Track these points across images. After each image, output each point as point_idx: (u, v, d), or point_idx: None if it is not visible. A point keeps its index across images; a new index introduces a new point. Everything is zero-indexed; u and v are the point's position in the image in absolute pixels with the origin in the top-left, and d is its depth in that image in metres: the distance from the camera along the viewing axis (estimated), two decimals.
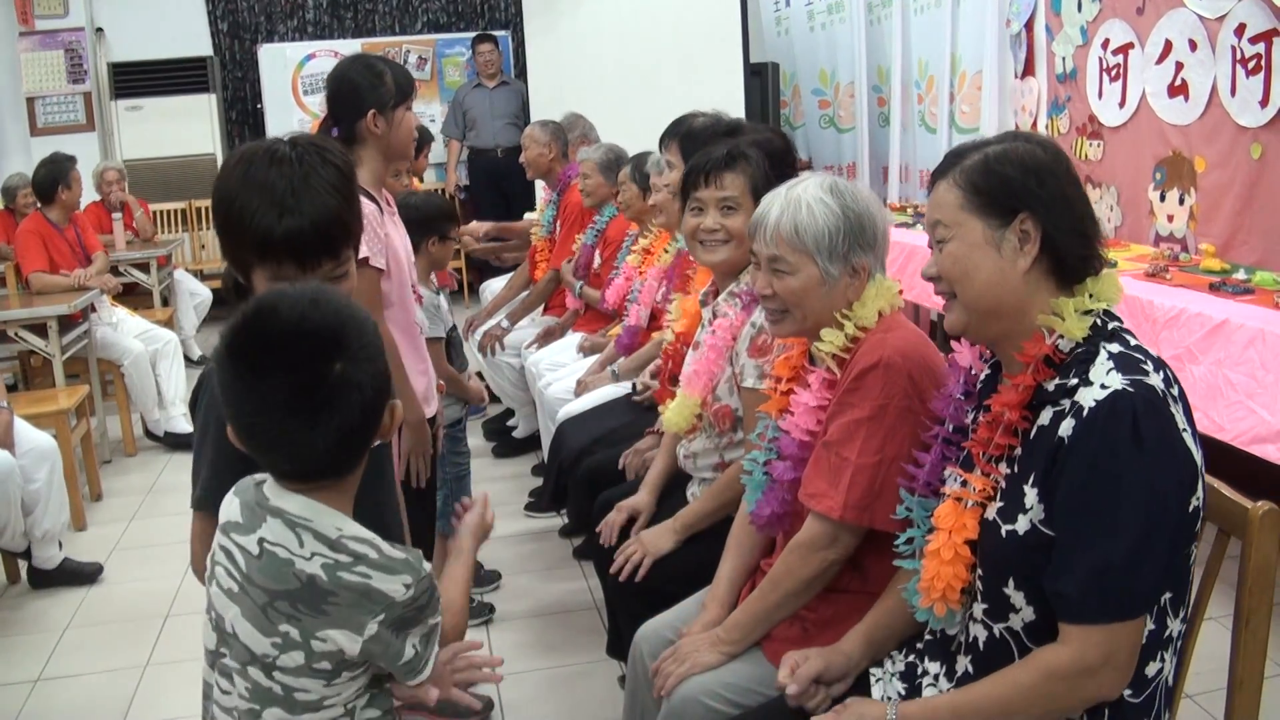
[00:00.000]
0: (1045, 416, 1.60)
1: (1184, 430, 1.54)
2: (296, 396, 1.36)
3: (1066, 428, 1.54)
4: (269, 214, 1.63)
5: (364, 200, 2.68)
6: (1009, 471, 1.66)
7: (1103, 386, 1.52)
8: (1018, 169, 1.64)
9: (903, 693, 1.84)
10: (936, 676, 1.81)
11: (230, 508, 1.52)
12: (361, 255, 2.62)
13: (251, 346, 1.38)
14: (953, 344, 1.89)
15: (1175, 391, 1.57)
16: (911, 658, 1.90)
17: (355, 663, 1.47)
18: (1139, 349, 1.59)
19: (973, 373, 1.86)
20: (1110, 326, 1.63)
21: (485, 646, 3.52)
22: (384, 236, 2.71)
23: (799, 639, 2.09)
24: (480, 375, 4.51)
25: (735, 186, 2.64)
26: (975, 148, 1.70)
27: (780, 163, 2.79)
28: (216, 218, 1.72)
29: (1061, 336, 1.62)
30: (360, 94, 2.75)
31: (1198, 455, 1.56)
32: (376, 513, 1.82)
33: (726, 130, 3.18)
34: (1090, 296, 1.64)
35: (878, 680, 1.90)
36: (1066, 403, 1.56)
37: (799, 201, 2.11)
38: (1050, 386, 1.61)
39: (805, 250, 2.09)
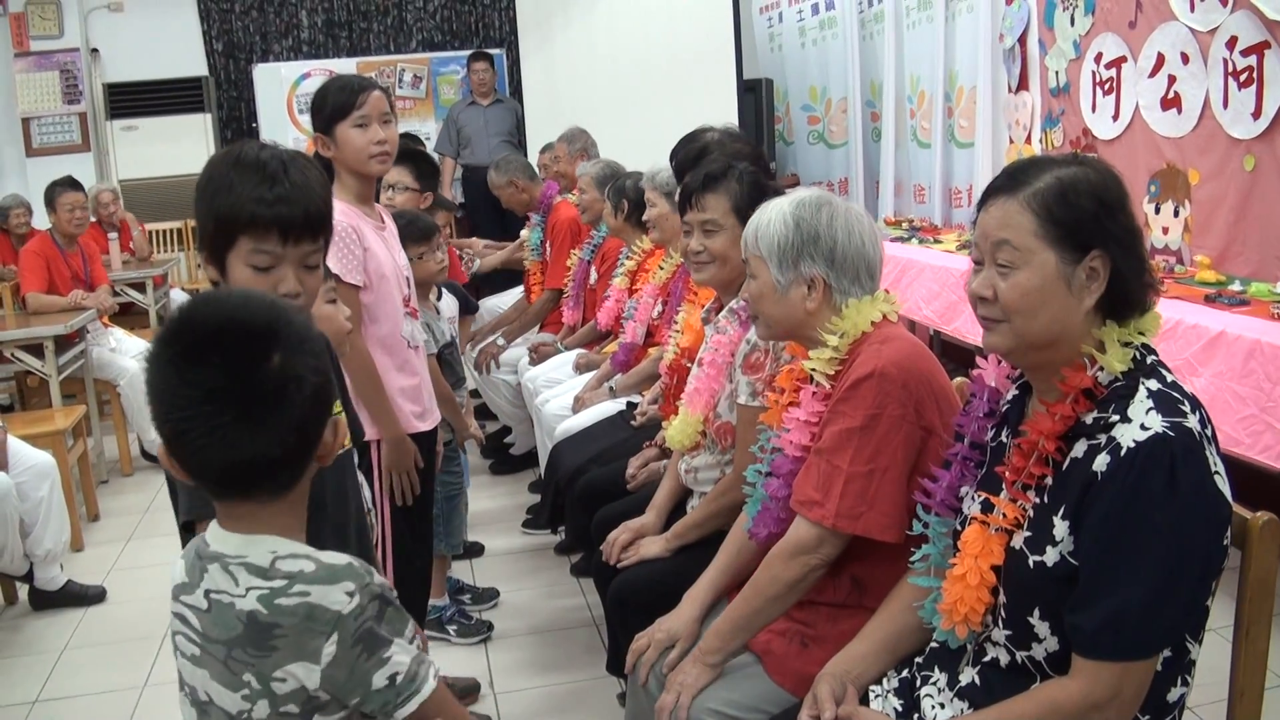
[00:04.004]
0: (1079, 449, 1.59)
1: (1216, 473, 1.53)
2: (233, 387, 1.28)
3: (1101, 463, 1.53)
4: (260, 186, 1.71)
5: (340, 216, 2.68)
6: (1038, 501, 1.64)
7: (1143, 427, 1.51)
8: (1093, 201, 1.59)
9: (899, 708, 1.84)
10: (939, 686, 1.81)
11: (176, 570, 1.45)
12: (334, 271, 2.62)
13: (185, 337, 1.31)
14: (978, 360, 1.88)
15: (1209, 432, 1.55)
16: (905, 673, 1.90)
17: (322, 702, 1.36)
18: (1175, 386, 1.58)
19: (996, 389, 1.85)
20: (1149, 360, 1.61)
21: (484, 663, 3.52)
22: (361, 253, 2.70)
23: (798, 653, 2.09)
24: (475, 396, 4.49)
25: (715, 208, 2.70)
26: (1041, 168, 1.64)
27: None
28: (202, 200, 1.76)
29: (1101, 369, 1.60)
30: (311, 117, 2.79)
31: (1229, 494, 1.55)
32: (337, 534, 1.79)
33: (699, 152, 3.21)
34: (1131, 329, 1.61)
35: (876, 696, 1.89)
36: (1103, 438, 1.54)
37: (767, 211, 2.22)
38: (1088, 419, 1.59)
39: (762, 255, 2.19)
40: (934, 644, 1.86)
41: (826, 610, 2.12)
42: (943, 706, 1.78)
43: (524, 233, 6.07)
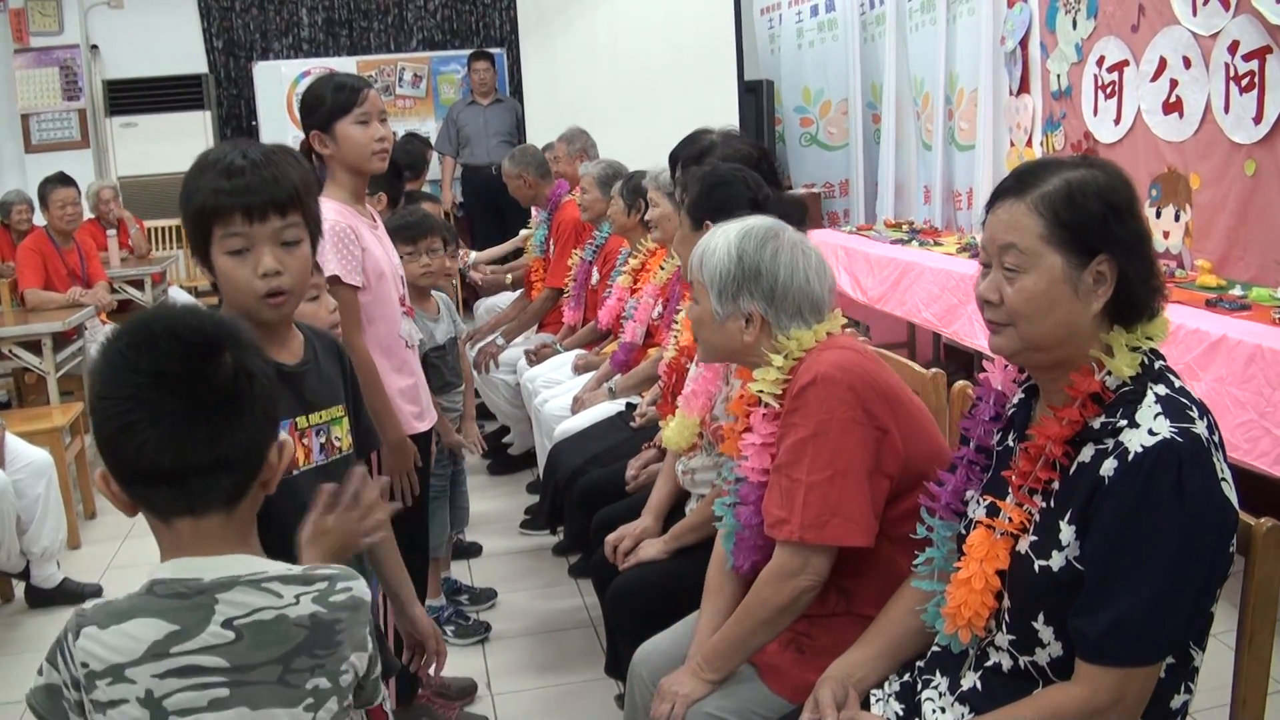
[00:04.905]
0: (1086, 454, 1.58)
1: (1223, 480, 1.53)
2: (184, 374, 1.25)
3: (1109, 467, 1.52)
4: (219, 178, 1.74)
5: (336, 216, 2.67)
6: (1044, 505, 1.63)
7: (1151, 432, 1.50)
8: (1101, 204, 1.57)
9: (900, 712, 1.83)
10: (940, 690, 1.80)
11: (127, 638, 1.28)
12: (331, 273, 2.61)
13: (137, 331, 1.29)
14: (984, 364, 1.88)
15: (1217, 438, 1.55)
16: (908, 677, 1.89)
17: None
18: (1183, 391, 1.57)
19: (1002, 393, 1.84)
20: (1157, 366, 1.60)
21: (481, 664, 3.51)
22: (359, 254, 2.69)
23: (795, 661, 2.09)
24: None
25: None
26: (1049, 170, 1.63)
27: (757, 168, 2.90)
28: (180, 205, 1.80)
29: (1109, 373, 1.59)
30: (306, 115, 2.76)
31: (1235, 502, 1.54)
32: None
33: (700, 152, 3.21)
34: (1139, 334, 1.60)
35: (877, 701, 1.88)
36: (1110, 442, 1.54)
37: (715, 237, 2.20)
38: (1095, 424, 1.58)
39: (704, 283, 2.18)
40: (936, 648, 1.86)
41: (821, 621, 2.10)
42: (944, 711, 1.77)
43: (524, 232, 6.05)
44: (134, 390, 1.25)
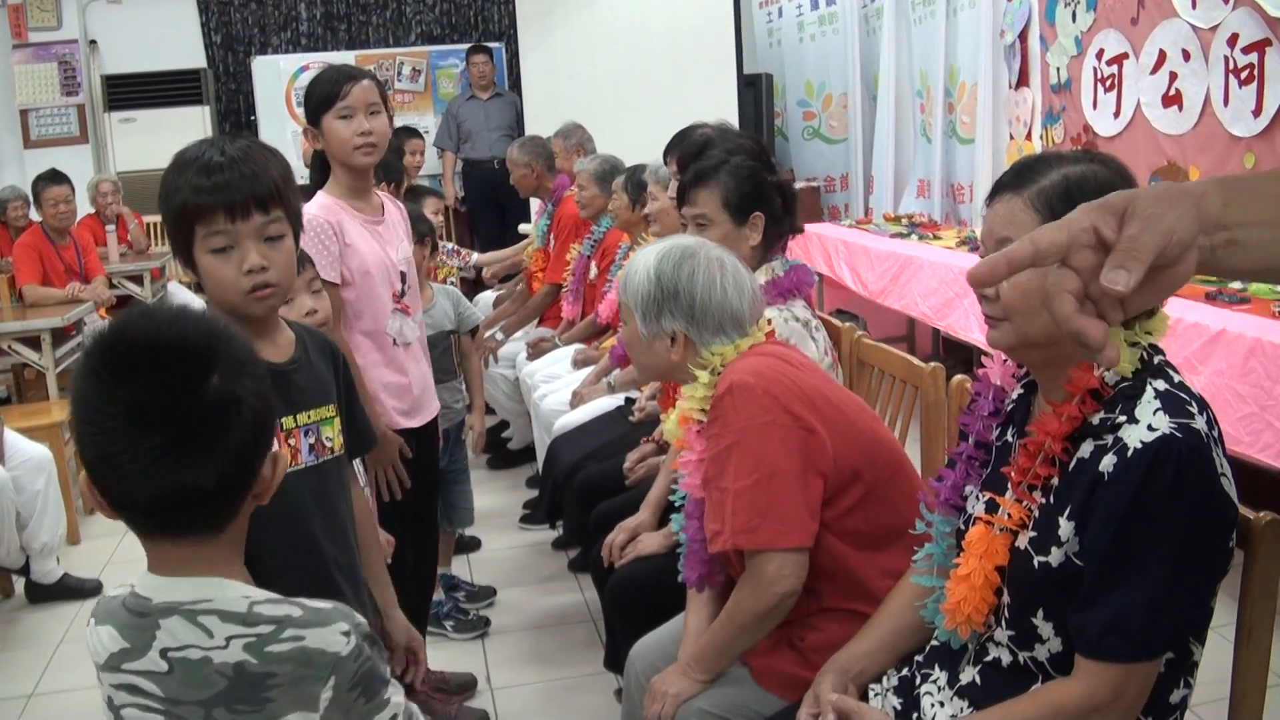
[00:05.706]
0: (1086, 449, 1.57)
1: (1223, 475, 1.52)
2: (162, 407, 1.17)
3: (1108, 463, 1.51)
4: (198, 176, 1.73)
5: (318, 212, 2.67)
6: (1044, 501, 1.63)
7: (1150, 428, 1.49)
8: None
9: (899, 707, 1.83)
10: (939, 684, 1.80)
11: (100, 641, 1.27)
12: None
13: (114, 350, 1.20)
14: (984, 359, 1.88)
15: (1216, 433, 1.54)
16: (906, 671, 1.89)
17: None
18: (1182, 386, 1.56)
19: (1001, 388, 1.83)
20: (1156, 361, 1.59)
21: (480, 659, 3.51)
22: (336, 250, 2.69)
23: (785, 658, 2.09)
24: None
25: (706, 204, 2.72)
26: (1049, 165, 1.62)
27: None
28: (160, 207, 1.80)
29: (1108, 369, 1.58)
30: (304, 110, 2.77)
31: (1235, 497, 1.54)
32: (309, 539, 1.79)
33: (700, 146, 3.20)
34: (1139, 329, 1.59)
35: (875, 695, 1.88)
36: (1109, 438, 1.53)
37: (636, 260, 2.22)
38: (1094, 420, 1.57)
39: (629, 305, 2.20)
40: (935, 642, 1.85)
41: (802, 622, 2.10)
42: (942, 705, 1.77)
43: (525, 227, 6.03)
44: (112, 424, 1.18)
